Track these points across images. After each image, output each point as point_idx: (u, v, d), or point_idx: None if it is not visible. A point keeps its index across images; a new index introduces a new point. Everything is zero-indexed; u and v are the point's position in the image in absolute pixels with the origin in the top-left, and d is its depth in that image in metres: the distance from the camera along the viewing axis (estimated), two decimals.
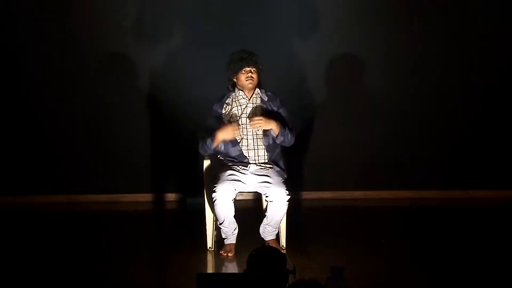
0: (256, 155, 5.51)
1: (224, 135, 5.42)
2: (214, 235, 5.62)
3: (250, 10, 7.13)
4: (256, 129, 5.46)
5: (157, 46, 7.14)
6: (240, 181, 5.39)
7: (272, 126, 5.43)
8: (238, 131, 5.44)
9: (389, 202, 7.20)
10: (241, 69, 5.44)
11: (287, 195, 5.31)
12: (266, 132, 5.48)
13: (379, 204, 7.15)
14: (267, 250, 4.31)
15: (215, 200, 5.28)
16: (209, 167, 5.61)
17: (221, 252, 5.43)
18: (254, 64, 5.44)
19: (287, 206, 5.35)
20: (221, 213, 5.33)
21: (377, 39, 7.20)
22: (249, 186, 5.46)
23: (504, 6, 7.17)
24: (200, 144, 5.49)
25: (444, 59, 7.24)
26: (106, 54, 7.12)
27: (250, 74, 5.44)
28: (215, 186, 5.30)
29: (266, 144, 5.50)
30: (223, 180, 5.33)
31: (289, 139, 5.49)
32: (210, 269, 5.26)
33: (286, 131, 5.46)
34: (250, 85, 5.47)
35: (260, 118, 5.40)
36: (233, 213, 5.36)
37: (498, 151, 7.33)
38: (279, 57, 7.13)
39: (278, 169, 5.50)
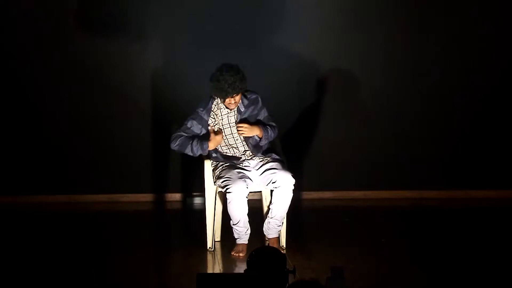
0: (247, 156, 5.59)
1: (214, 145, 5.49)
2: (214, 235, 5.63)
3: (250, 10, 7.13)
4: (241, 135, 5.53)
5: (157, 46, 7.14)
6: (248, 177, 5.42)
7: (256, 133, 5.50)
8: (221, 136, 5.52)
9: (389, 202, 7.20)
10: (223, 99, 5.44)
11: (293, 177, 5.35)
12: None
13: (379, 204, 7.15)
14: (267, 250, 4.31)
15: (230, 201, 5.28)
16: (210, 167, 5.61)
17: (233, 252, 5.43)
18: (237, 93, 5.41)
19: (292, 194, 5.36)
20: (236, 213, 5.32)
21: (377, 39, 7.20)
22: (255, 182, 5.49)
23: (504, 6, 7.18)
24: (178, 142, 5.49)
25: (444, 59, 7.24)
26: (106, 54, 7.12)
27: (231, 101, 5.44)
28: (228, 187, 5.30)
29: (253, 144, 5.56)
30: (235, 179, 5.33)
31: (272, 137, 5.59)
32: (210, 269, 5.26)
33: (269, 132, 5.53)
34: (232, 107, 5.51)
35: (244, 125, 5.46)
36: (247, 212, 5.36)
37: (498, 151, 7.33)
38: (279, 57, 7.14)
39: (276, 157, 5.58)
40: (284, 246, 5.53)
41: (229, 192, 5.28)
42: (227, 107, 5.52)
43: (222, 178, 5.39)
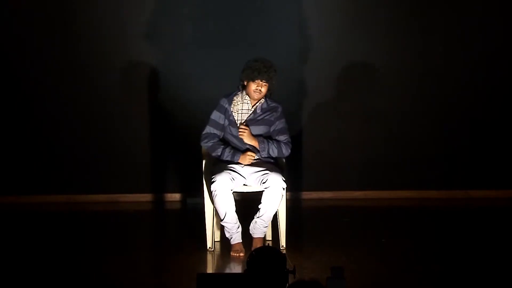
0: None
1: (244, 161, 5.51)
2: (214, 235, 5.63)
3: (250, 10, 7.13)
4: (240, 135, 5.54)
5: (157, 46, 7.13)
6: (237, 172, 5.44)
7: (253, 143, 5.52)
8: (253, 157, 5.52)
9: (389, 202, 7.20)
10: (253, 79, 5.46)
11: (284, 181, 5.34)
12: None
13: (379, 204, 7.15)
14: (267, 250, 4.31)
15: (214, 191, 5.29)
16: (208, 166, 5.62)
17: (232, 253, 5.42)
18: (267, 80, 5.47)
19: (282, 197, 5.36)
20: (221, 205, 5.33)
21: (377, 39, 7.20)
22: (247, 179, 5.49)
23: (504, 6, 7.17)
24: (210, 145, 5.52)
25: (445, 59, 7.24)
26: (107, 54, 7.12)
27: (259, 87, 5.47)
28: (214, 178, 5.34)
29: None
30: (220, 172, 5.37)
31: (275, 153, 5.55)
32: (210, 269, 5.26)
33: (269, 146, 5.51)
34: (256, 97, 5.52)
35: (246, 129, 5.48)
36: (234, 208, 5.37)
37: (498, 151, 7.33)
38: (279, 57, 7.11)
39: (273, 161, 5.57)
40: (284, 246, 5.53)
41: (213, 183, 5.30)
42: (249, 95, 5.50)
43: (212, 174, 5.44)
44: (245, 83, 5.52)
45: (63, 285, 4.81)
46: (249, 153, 5.51)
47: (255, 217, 5.45)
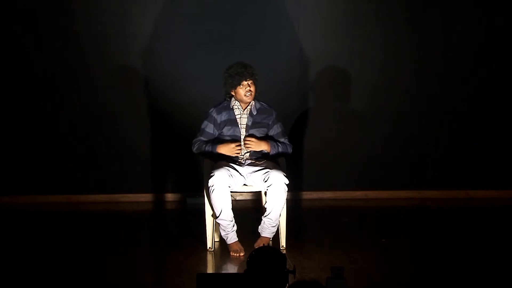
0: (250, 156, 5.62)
1: (224, 151, 5.52)
2: (214, 235, 5.63)
3: (251, 10, 7.12)
4: (247, 149, 5.57)
5: (157, 46, 7.13)
6: (235, 169, 5.45)
7: (263, 148, 5.55)
8: (239, 150, 5.52)
9: (389, 202, 7.20)
10: (239, 83, 5.50)
11: (286, 177, 5.36)
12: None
13: (379, 204, 7.15)
14: (267, 250, 4.30)
15: (212, 186, 5.30)
16: (209, 166, 5.62)
17: (231, 253, 5.42)
18: (251, 77, 5.51)
19: (286, 193, 5.37)
20: (218, 201, 5.34)
21: (377, 39, 7.20)
22: (247, 179, 5.50)
23: (504, 5, 7.17)
24: (196, 146, 5.60)
25: (444, 59, 7.24)
26: (106, 54, 7.12)
27: (248, 88, 5.51)
28: (212, 172, 5.35)
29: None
30: (219, 169, 5.39)
31: (281, 154, 5.60)
32: (210, 269, 5.26)
33: (280, 150, 5.57)
34: (249, 99, 5.55)
35: (252, 139, 5.51)
36: (230, 205, 5.37)
37: (498, 151, 7.32)
38: (278, 57, 7.13)
39: (273, 160, 5.60)
40: (284, 246, 5.53)
41: (211, 178, 5.31)
42: (242, 101, 5.53)
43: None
44: (233, 92, 5.56)
45: (63, 285, 4.82)
46: (232, 145, 5.50)
47: (262, 217, 5.46)
